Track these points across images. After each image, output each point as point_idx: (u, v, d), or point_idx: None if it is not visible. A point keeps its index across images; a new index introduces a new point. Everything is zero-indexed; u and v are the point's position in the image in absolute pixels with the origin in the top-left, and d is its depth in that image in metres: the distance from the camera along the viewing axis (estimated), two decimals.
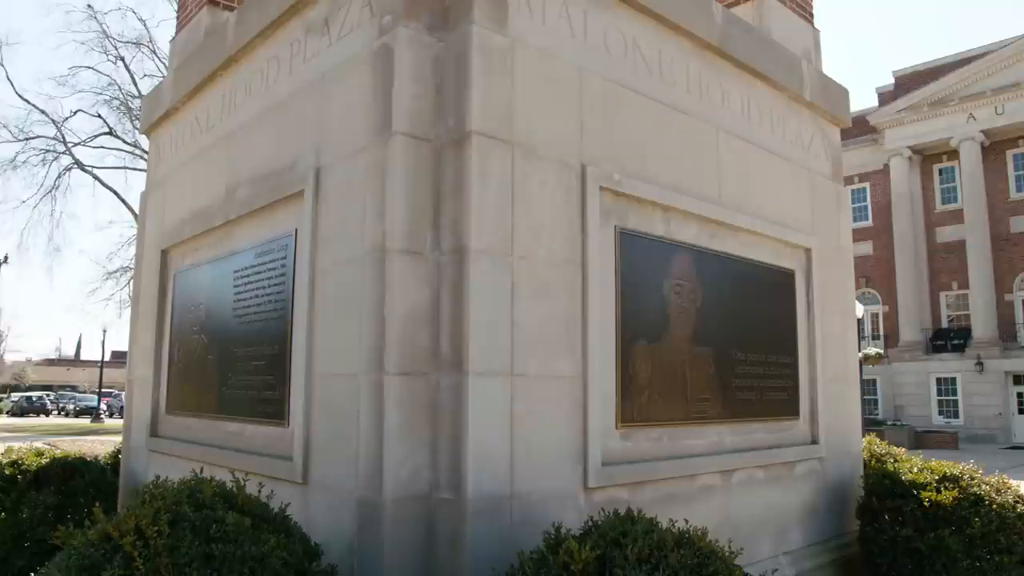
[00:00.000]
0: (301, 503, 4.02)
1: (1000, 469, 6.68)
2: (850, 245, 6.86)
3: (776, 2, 6.57)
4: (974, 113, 35.28)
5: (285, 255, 4.63)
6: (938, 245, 37.05)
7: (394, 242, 3.71)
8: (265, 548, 2.99)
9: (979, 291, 34.72)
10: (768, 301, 5.65)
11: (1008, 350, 34.07)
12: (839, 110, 6.85)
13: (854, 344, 6.79)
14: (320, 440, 4.07)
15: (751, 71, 5.75)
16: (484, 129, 3.79)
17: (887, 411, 36.69)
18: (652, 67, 4.91)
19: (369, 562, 3.56)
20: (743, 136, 5.61)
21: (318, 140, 4.45)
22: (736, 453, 5.15)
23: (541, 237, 3.98)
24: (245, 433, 4.84)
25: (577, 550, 2.91)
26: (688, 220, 4.97)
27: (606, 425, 4.21)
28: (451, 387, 3.64)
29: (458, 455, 3.56)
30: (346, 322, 3.96)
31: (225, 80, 5.69)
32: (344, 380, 3.90)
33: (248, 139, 5.24)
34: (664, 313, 4.68)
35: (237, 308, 5.09)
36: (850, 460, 6.32)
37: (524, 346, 3.81)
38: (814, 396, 5.99)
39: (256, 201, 4.95)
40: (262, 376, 4.69)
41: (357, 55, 4.22)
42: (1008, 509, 5.30)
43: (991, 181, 35.45)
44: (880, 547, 5.40)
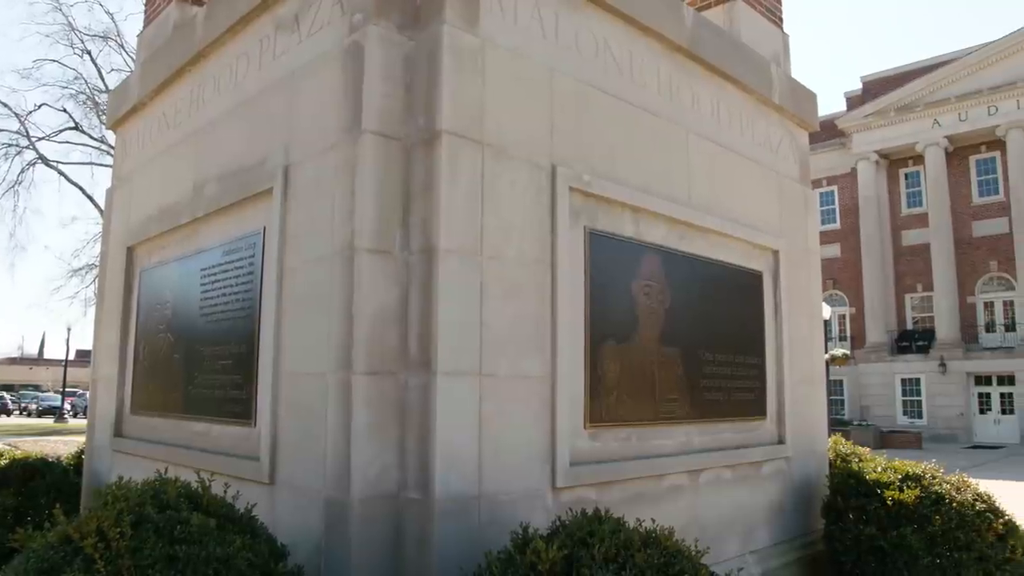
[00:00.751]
0: (268, 503, 3.98)
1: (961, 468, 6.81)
2: (817, 247, 6.96)
3: (746, 6, 6.64)
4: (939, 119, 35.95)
5: (253, 253, 4.58)
6: (904, 248, 37.67)
7: (363, 241, 3.69)
8: (230, 549, 2.97)
9: (943, 294, 35.37)
10: (736, 302, 5.71)
11: (970, 351, 34.75)
12: (807, 114, 6.93)
13: (820, 345, 6.89)
14: (287, 440, 4.04)
15: (721, 74, 5.80)
16: (454, 128, 3.79)
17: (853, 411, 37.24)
18: (623, 68, 4.93)
19: (336, 562, 3.54)
20: (713, 138, 5.65)
21: (287, 137, 4.41)
22: (704, 453, 5.19)
23: (511, 237, 3.99)
24: (211, 433, 4.79)
25: (544, 550, 2.92)
26: (657, 221, 5.00)
27: (574, 425, 4.22)
28: (419, 387, 3.63)
29: (426, 455, 3.56)
30: (314, 321, 3.93)
31: (193, 75, 5.62)
32: (312, 379, 3.88)
33: (217, 136, 5.19)
34: (633, 314, 4.71)
35: (204, 307, 5.03)
36: (816, 460, 6.40)
37: (493, 346, 3.81)
38: (781, 397, 6.06)
39: (224, 198, 4.90)
40: (229, 375, 4.64)
41: (327, 53, 4.19)
42: (967, 507, 5.39)
43: (955, 186, 36.14)
44: (844, 545, 5.47)
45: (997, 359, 33.94)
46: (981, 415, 34.67)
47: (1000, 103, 34.41)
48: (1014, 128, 34.04)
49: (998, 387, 34.27)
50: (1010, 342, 34.12)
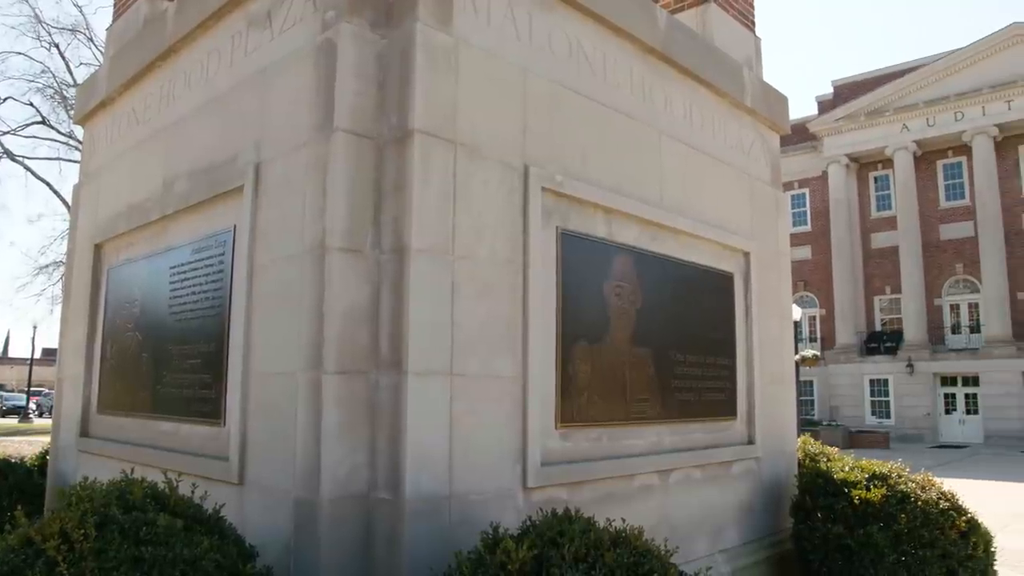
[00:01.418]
0: (237, 504, 3.94)
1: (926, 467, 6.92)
2: (788, 249, 7.03)
3: (719, 9, 6.69)
4: (908, 124, 36.54)
5: (223, 251, 4.53)
6: (873, 251, 38.23)
7: (334, 239, 3.67)
8: (198, 550, 2.93)
9: (910, 296, 35.95)
10: (707, 303, 5.75)
11: (937, 353, 35.35)
12: (779, 117, 7.01)
13: (790, 346, 6.96)
14: (257, 439, 4.00)
15: (694, 76, 5.84)
16: (427, 128, 3.78)
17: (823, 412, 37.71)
18: (596, 70, 4.95)
19: (306, 562, 3.52)
20: (685, 140, 5.69)
21: (259, 135, 4.37)
22: (674, 453, 5.22)
23: (483, 237, 3.99)
24: (180, 433, 4.74)
25: (514, 550, 2.92)
26: (629, 222, 5.03)
27: (546, 425, 4.23)
28: (390, 386, 3.62)
29: (397, 455, 3.54)
30: (285, 320, 3.90)
31: (164, 71, 5.55)
32: (282, 379, 3.85)
33: (187, 132, 5.13)
34: (605, 314, 4.73)
35: (173, 305, 4.97)
36: (785, 460, 6.47)
37: (464, 346, 3.81)
38: (751, 397, 6.11)
39: (194, 196, 4.84)
40: (198, 374, 4.59)
41: (299, 50, 4.16)
42: (932, 505, 5.48)
43: (923, 190, 36.76)
44: (812, 544, 5.54)
45: (962, 360, 34.56)
46: (947, 415, 35.28)
47: (966, 109, 35.05)
48: (979, 134, 34.69)
49: (963, 388, 34.91)
50: (975, 343, 34.76)
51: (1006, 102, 34.19)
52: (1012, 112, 34.09)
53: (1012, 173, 34.74)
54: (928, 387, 35.26)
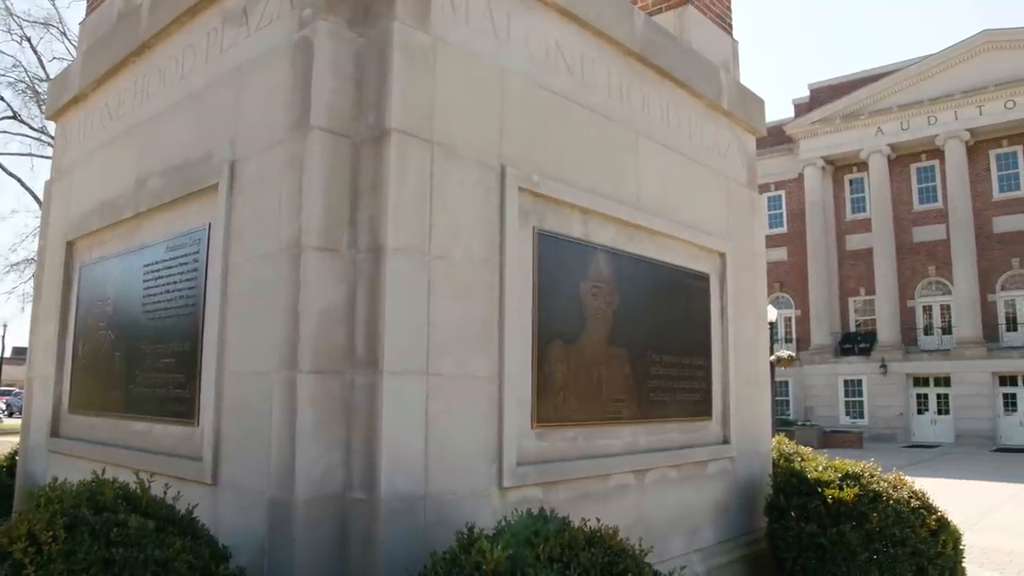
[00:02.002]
0: (210, 504, 3.91)
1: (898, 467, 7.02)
2: (763, 251, 7.09)
3: (697, 12, 6.73)
4: (882, 127, 36.99)
5: (198, 249, 4.49)
6: (848, 252, 38.65)
7: (310, 238, 3.65)
8: (170, 552, 2.91)
9: (884, 297, 36.40)
10: (683, 304, 5.78)
11: (910, 353, 35.82)
12: (755, 119, 7.06)
13: (766, 347, 7.02)
14: (231, 439, 3.97)
15: (671, 78, 5.87)
16: (404, 127, 3.77)
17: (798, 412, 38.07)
18: (574, 70, 4.97)
19: (280, 563, 3.49)
20: (662, 141, 5.72)
21: (234, 132, 4.34)
22: (650, 453, 5.25)
23: (459, 237, 3.98)
24: (152, 433, 4.69)
25: (489, 550, 2.92)
26: (606, 222, 5.04)
27: (522, 425, 4.23)
28: (366, 386, 3.60)
29: (372, 454, 3.53)
30: (260, 319, 3.87)
31: (138, 66, 5.49)
32: (257, 378, 3.82)
33: (161, 129, 5.07)
34: (581, 314, 4.74)
35: (147, 303, 4.91)
36: (760, 459, 6.52)
37: (440, 345, 3.80)
38: (726, 397, 6.16)
39: (168, 193, 4.79)
40: (171, 374, 4.55)
41: (276, 47, 4.13)
42: (903, 504, 5.56)
43: (897, 193, 37.24)
44: (786, 543, 5.58)
45: (935, 361, 35.05)
46: (919, 415, 35.76)
47: (939, 114, 35.56)
48: (952, 138, 35.20)
49: (935, 388, 35.39)
50: (947, 344, 35.27)
51: (977, 107, 34.72)
52: (983, 117, 34.62)
53: (983, 177, 35.27)
54: (901, 387, 35.72)
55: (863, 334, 37.68)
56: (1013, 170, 34.85)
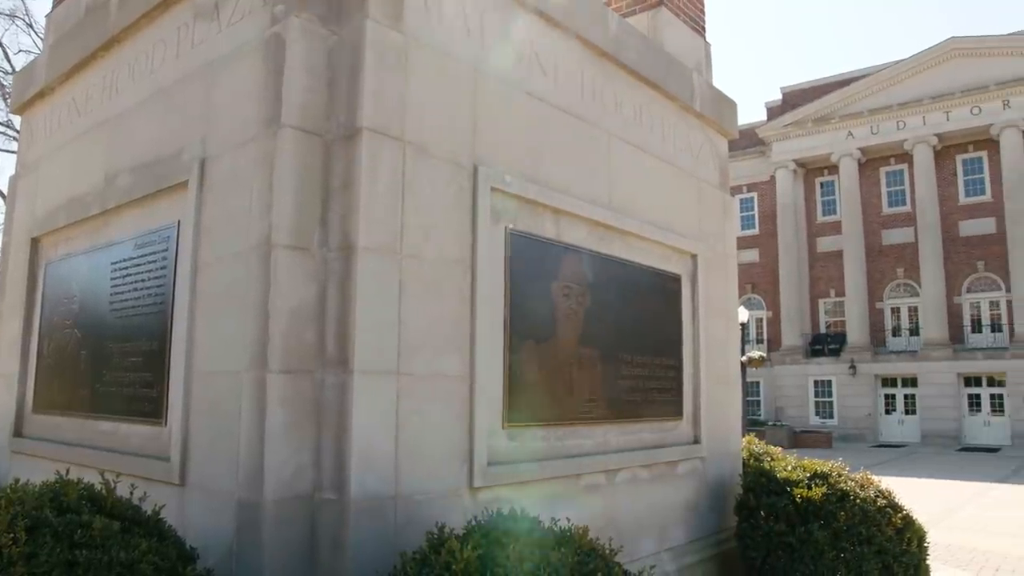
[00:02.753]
0: (178, 505, 3.87)
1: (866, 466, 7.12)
2: (735, 252, 7.15)
3: (670, 14, 6.78)
4: (853, 131, 37.52)
5: (167, 247, 4.44)
6: (819, 254, 39.13)
7: (281, 237, 3.62)
8: (135, 553, 2.87)
9: (854, 299, 36.91)
10: (655, 304, 5.82)
11: (878, 355, 36.35)
12: (727, 122, 7.12)
13: (736, 348, 7.08)
14: (200, 439, 3.93)
15: (644, 80, 5.90)
16: (375, 125, 3.75)
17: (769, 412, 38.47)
18: (547, 70, 4.97)
19: (249, 564, 3.46)
20: (634, 142, 5.75)
21: (204, 129, 4.29)
22: (621, 453, 5.27)
23: (431, 236, 3.97)
24: (119, 432, 4.62)
25: (459, 550, 2.92)
26: (578, 223, 5.06)
27: (493, 425, 4.23)
28: (336, 385, 3.58)
29: (342, 454, 3.51)
30: (229, 318, 3.83)
31: (107, 61, 5.41)
32: (226, 377, 3.78)
33: (130, 125, 5.01)
34: (552, 314, 4.75)
35: (114, 302, 4.85)
36: (730, 459, 6.57)
37: (411, 345, 3.79)
38: (697, 398, 6.20)
39: (137, 190, 4.73)
40: (139, 373, 4.49)
41: (248, 43, 4.09)
42: (870, 503, 5.64)
43: (867, 196, 37.79)
44: (755, 542, 5.63)
45: (903, 362, 35.61)
46: (887, 415, 36.31)
47: (908, 119, 36.15)
48: (920, 143, 35.79)
49: (903, 389, 35.96)
50: (914, 346, 35.85)
51: (945, 112, 35.34)
52: (950, 123, 35.25)
53: (950, 181, 35.90)
54: (870, 388, 36.24)
55: (833, 335, 38.18)
56: (979, 175, 35.52)
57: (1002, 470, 22.97)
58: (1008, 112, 33.95)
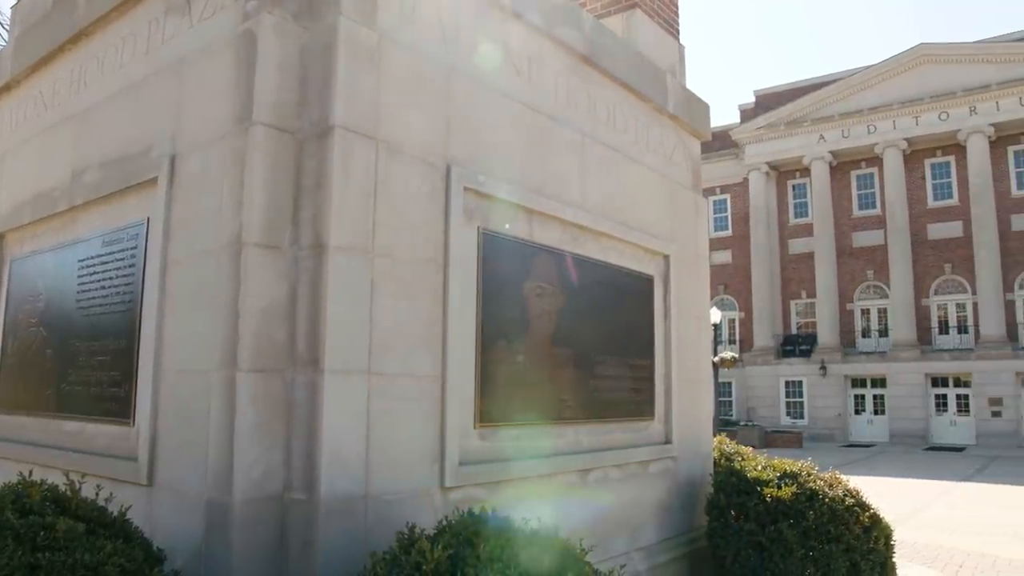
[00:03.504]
0: (145, 506, 3.83)
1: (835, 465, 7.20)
2: (707, 253, 7.20)
3: (644, 16, 6.81)
4: (824, 135, 37.98)
5: (136, 245, 4.38)
6: (791, 256, 39.56)
7: (251, 235, 3.58)
8: (100, 555, 2.83)
9: (825, 300, 37.37)
10: (627, 305, 5.84)
11: (848, 356, 36.83)
12: (700, 124, 7.17)
13: (708, 348, 7.13)
14: (168, 439, 3.88)
15: (618, 81, 5.93)
16: (348, 124, 3.73)
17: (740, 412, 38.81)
18: (521, 71, 4.98)
19: (217, 565, 3.43)
20: (608, 143, 5.77)
21: (175, 126, 4.24)
22: (593, 453, 5.28)
23: (403, 235, 3.95)
24: (85, 432, 4.55)
25: (429, 550, 2.91)
26: (551, 223, 5.06)
27: (464, 424, 4.22)
28: (307, 385, 3.56)
29: (312, 454, 3.48)
30: (199, 316, 3.79)
31: (75, 54, 5.32)
32: (195, 376, 3.74)
33: (99, 120, 4.93)
34: (525, 314, 4.75)
35: (81, 300, 4.77)
36: (701, 459, 6.62)
37: (383, 345, 3.77)
38: (669, 398, 6.24)
39: (105, 186, 4.66)
40: (107, 372, 4.42)
41: (219, 39, 4.05)
42: (838, 502, 5.71)
43: (837, 199, 38.27)
44: (726, 541, 5.68)
45: (872, 362, 36.12)
46: (856, 415, 36.80)
47: (878, 123, 36.67)
48: (890, 147, 36.34)
49: (872, 389, 36.47)
50: (883, 347, 36.38)
51: (914, 117, 35.90)
52: (919, 127, 35.82)
53: (919, 185, 36.48)
54: (840, 388, 36.71)
55: (804, 336, 38.61)
56: (946, 179, 36.13)
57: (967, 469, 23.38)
58: (975, 118, 34.56)
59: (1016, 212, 34.16)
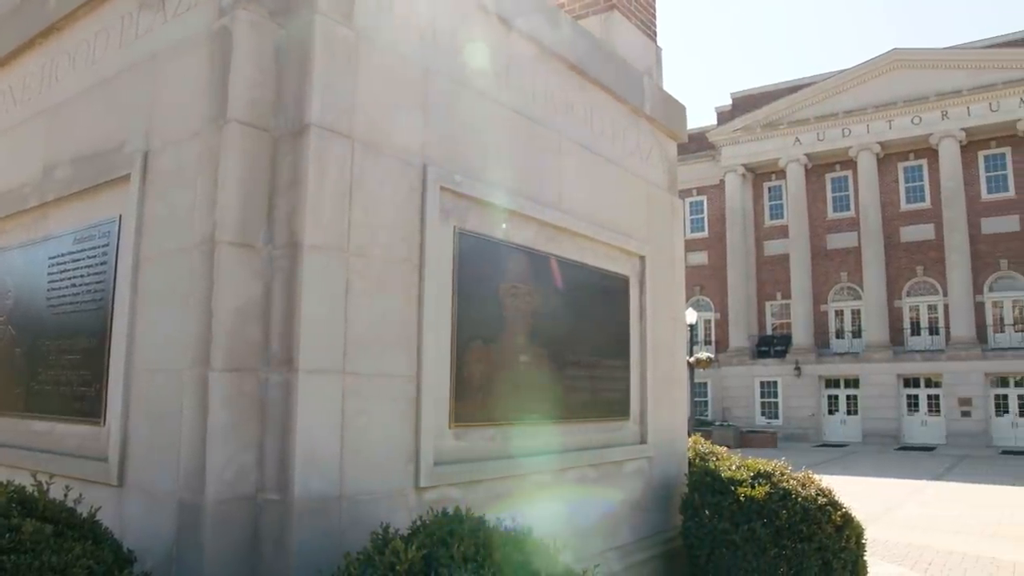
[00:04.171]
0: (116, 507, 3.78)
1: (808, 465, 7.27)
2: (682, 255, 7.24)
3: (622, 18, 6.84)
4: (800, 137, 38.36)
5: (107, 242, 4.33)
6: (766, 258, 39.91)
7: (225, 233, 3.55)
8: (68, 557, 2.79)
9: (799, 301, 37.74)
10: (603, 305, 5.86)
11: (822, 356, 37.22)
12: (677, 126, 7.21)
13: (683, 349, 7.17)
14: (139, 439, 3.84)
15: (595, 82, 5.95)
16: (324, 122, 3.71)
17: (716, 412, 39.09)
18: (500, 71, 4.98)
19: (189, 567, 3.39)
20: (585, 144, 5.79)
21: (148, 122, 4.19)
22: (568, 452, 5.29)
23: (379, 235, 3.94)
24: (55, 432, 4.49)
25: (403, 550, 2.90)
26: (528, 223, 5.07)
27: (439, 424, 4.22)
28: (280, 384, 3.53)
29: (286, 455, 3.46)
30: (172, 315, 3.75)
31: (46, 49, 5.24)
32: (168, 376, 3.70)
33: (71, 115, 4.87)
34: (501, 314, 4.75)
35: (51, 297, 4.71)
36: (676, 459, 6.66)
37: (358, 344, 3.76)
38: (644, 398, 6.27)
39: (77, 183, 4.60)
40: (77, 371, 4.37)
41: (194, 35, 4.01)
42: (811, 502, 5.77)
43: (812, 201, 38.67)
44: (700, 540, 5.71)
45: (845, 363, 36.53)
46: (830, 415, 37.21)
47: (852, 126, 37.10)
48: (864, 150, 36.78)
49: (845, 389, 36.89)
50: (856, 348, 36.81)
51: (887, 121, 36.37)
52: (892, 131, 36.29)
53: (892, 188, 36.95)
54: (814, 389, 37.09)
55: (779, 337, 38.97)
56: (918, 182, 36.64)
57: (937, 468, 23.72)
58: (946, 123, 35.07)
59: (986, 216, 34.72)
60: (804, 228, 38.21)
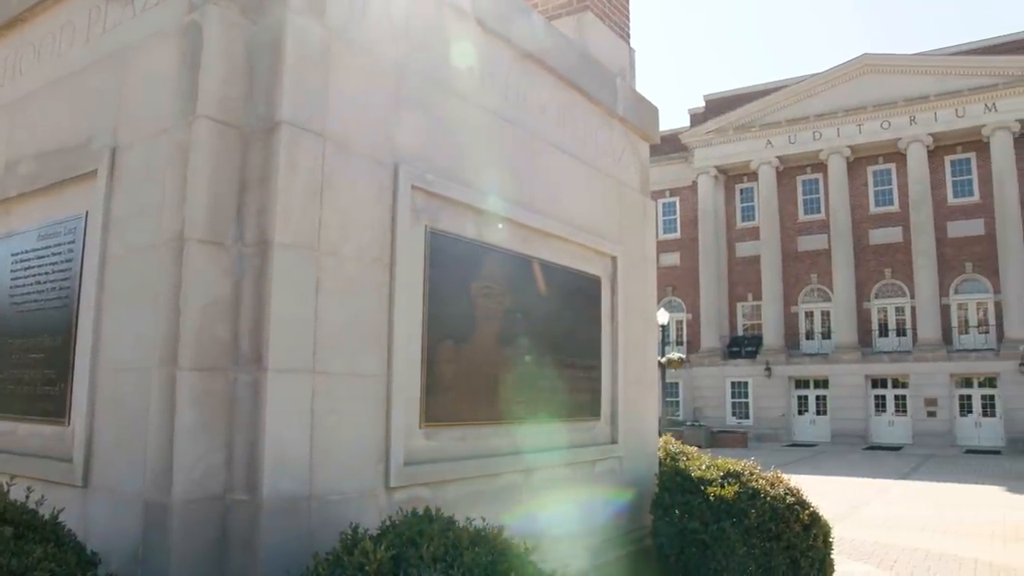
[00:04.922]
0: (80, 508, 3.72)
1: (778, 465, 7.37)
2: (654, 255, 7.29)
3: (595, 19, 6.87)
4: (771, 140, 38.74)
5: (73, 239, 4.26)
6: (738, 259, 40.25)
7: (194, 231, 3.51)
8: (29, 560, 2.74)
9: (770, 303, 38.12)
10: (575, 306, 5.88)
11: (792, 357, 37.62)
12: (649, 127, 7.25)
13: (654, 349, 7.22)
14: (105, 439, 3.78)
15: (569, 83, 5.96)
16: (295, 119, 3.68)
17: (687, 412, 39.35)
18: (473, 71, 4.97)
19: (154, 569, 3.35)
20: (557, 145, 5.80)
21: (116, 118, 4.13)
22: (539, 452, 5.30)
23: (350, 234, 3.92)
24: (17, 433, 4.41)
25: (372, 550, 2.89)
26: (500, 223, 5.07)
27: (410, 424, 4.20)
28: (249, 384, 3.50)
29: (255, 455, 3.43)
30: (138, 313, 3.70)
31: (9, 40, 5.14)
32: (134, 375, 3.65)
33: (35, 110, 4.78)
34: (472, 314, 4.75)
35: (15, 295, 4.62)
36: (647, 459, 6.70)
37: (328, 343, 3.73)
38: (615, 398, 6.29)
39: (42, 179, 4.52)
40: (41, 370, 4.29)
41: (163, 30, 3.96)
42: (779, 501, 5.83)
43: (784, 203, 39.07)
44: (670, 539, 5.76)
45: (815, 364, 36.96)
46: (799, 416, 37.62)
47: (823, 130, 37.54)
48: (834, 154, 37.23)
49: (814, 390, 37.31)
50: (826, 349, 37.25)
51: (857, 125, 36.84)
52: (862, 135, 36.78)
53: (862, 192, 37.45)
54: (784, 389, 37.48)
55: (750, 338, 39.33)
56: (887, 186, 37.17)
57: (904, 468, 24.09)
58: (914, 127, 35.61)
59: (952, 219, 35.31)
60: (775, 230, 38.61)
